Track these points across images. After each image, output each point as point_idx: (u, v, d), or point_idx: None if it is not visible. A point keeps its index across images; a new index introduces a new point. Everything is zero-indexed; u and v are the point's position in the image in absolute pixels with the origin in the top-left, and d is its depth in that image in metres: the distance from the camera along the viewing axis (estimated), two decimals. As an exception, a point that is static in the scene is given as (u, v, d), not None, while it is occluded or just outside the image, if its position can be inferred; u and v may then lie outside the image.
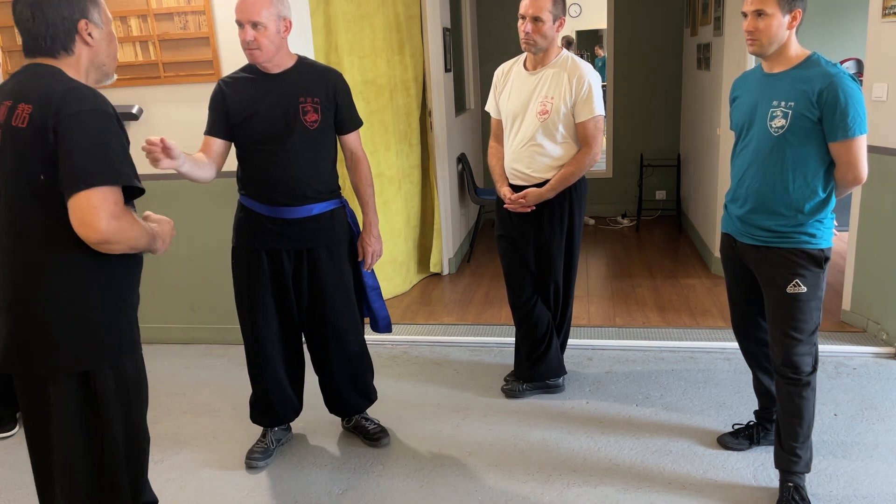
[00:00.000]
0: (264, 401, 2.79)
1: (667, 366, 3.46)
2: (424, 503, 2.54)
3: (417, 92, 4.62)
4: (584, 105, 2.88)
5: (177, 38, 3.59)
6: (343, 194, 2.72)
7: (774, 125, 2.21)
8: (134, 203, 1.80)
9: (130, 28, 3.61)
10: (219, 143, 2.57)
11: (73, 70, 1.74)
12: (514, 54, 3.11)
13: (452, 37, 5.21)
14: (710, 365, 3.43)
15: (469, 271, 5.13)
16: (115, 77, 1.90)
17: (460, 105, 5.62)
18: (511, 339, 3.36)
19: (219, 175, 2.58)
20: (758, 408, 2.73)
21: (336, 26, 3.94)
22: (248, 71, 2.56)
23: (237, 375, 3.47)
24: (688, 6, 5.87)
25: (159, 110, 3.71)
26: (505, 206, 3.04)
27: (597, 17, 10.14)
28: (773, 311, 2.33)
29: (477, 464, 2.74)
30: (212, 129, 2.57)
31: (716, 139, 4.59)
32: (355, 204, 3.17)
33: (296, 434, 3.02)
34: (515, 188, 3.03)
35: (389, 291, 4.49)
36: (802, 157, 2.20)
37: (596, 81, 2.91)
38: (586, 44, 11.27)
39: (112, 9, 2.89)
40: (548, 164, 2.95)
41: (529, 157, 2.96)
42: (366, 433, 2.92)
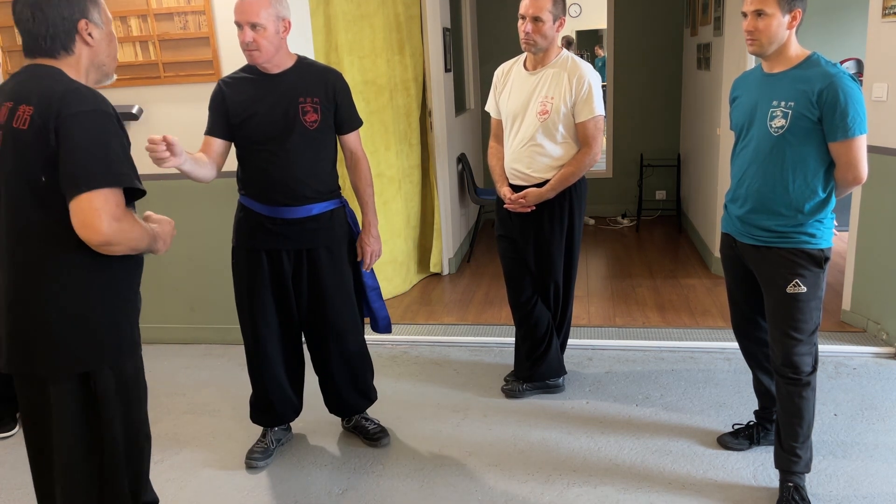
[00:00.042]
0: (264, 401, 2.79)
1: (667, 366, 3.46)
2: (424, 503, 2.54)
3: (417, 92, 4.62)
4: (584, 105, 2.88)
5: (177, 38, 3.59)
6: (343, 194, 2.72)
7: (774, 125, 2.21)
8: (134, 204, 1.80)
9: (130, 28, 3.61)
10: (219, 143, 2.57)
11: (73, 70, 1.74)
12: (514, 54, 3.11)
13: (452, 37, 5.21)
14: (710, 365, 3.43)
15: (469, 271, 5.13)
16: (115, 77, 1.91)
17: (460, 105, 5.61)
18: (511, 339, 3.36)
19: (219, 175, 2.59)
20: (758, 408, 2.74)
21: (336, 26, 3.94)
22: (247, 71, 2.57)
23: (237, 375, 3.47)
24: (688, 6, 5.87)
25: (159, 110, 3.71)
26: (505, 206, 3.04)
27: (597, 17, 10.14)
28: (773, 311, 2.33)
29: (477, 464, 2.74)
30: (212, 129, 2.57)
31: (716, 139, 4.59)
32: (355, 204, 3.17)
33: (296, 434, 3.02)
34: (515, 188, 3.03)
35: (389, 291, 4.49)
36: (802, 157, 2.20)
37: (596, 81, 2.91)
38: (586, 44, 11.27)
39: (112, 9, 2.89)
40: (548, 164, 2.95)
41: (529, 157, 2.96)
42: (366, 433, 2.93)
